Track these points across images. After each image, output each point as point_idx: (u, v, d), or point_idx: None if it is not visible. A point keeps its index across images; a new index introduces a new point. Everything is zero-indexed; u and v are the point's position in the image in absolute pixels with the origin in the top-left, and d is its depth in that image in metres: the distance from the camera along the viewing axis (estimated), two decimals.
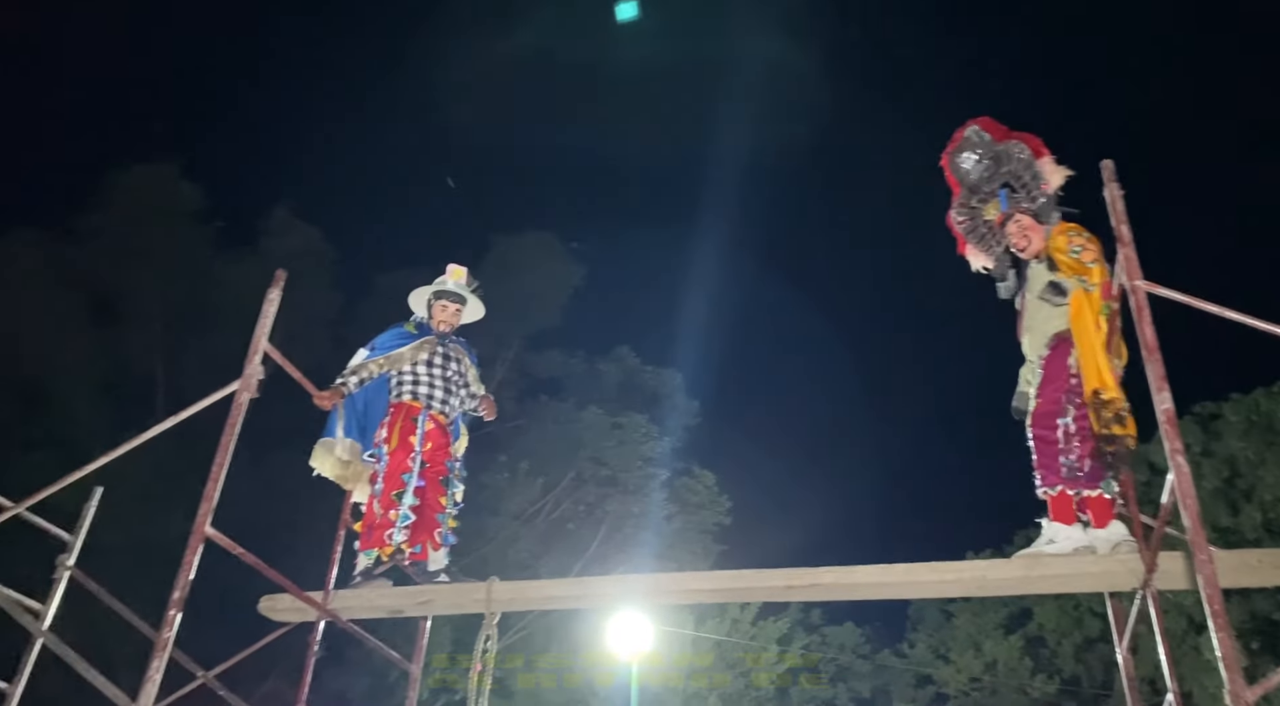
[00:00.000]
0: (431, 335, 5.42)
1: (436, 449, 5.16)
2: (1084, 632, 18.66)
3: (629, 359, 18.89)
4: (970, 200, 4.96)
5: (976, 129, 4.91)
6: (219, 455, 4.15)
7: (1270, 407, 15.78)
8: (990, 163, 4.85)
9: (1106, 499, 4.19)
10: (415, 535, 4.99)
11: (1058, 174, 4.82)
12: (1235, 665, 2.90)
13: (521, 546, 16.12)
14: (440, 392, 5.29)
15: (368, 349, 5.34)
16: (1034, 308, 4.58)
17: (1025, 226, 4.75)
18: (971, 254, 5.07)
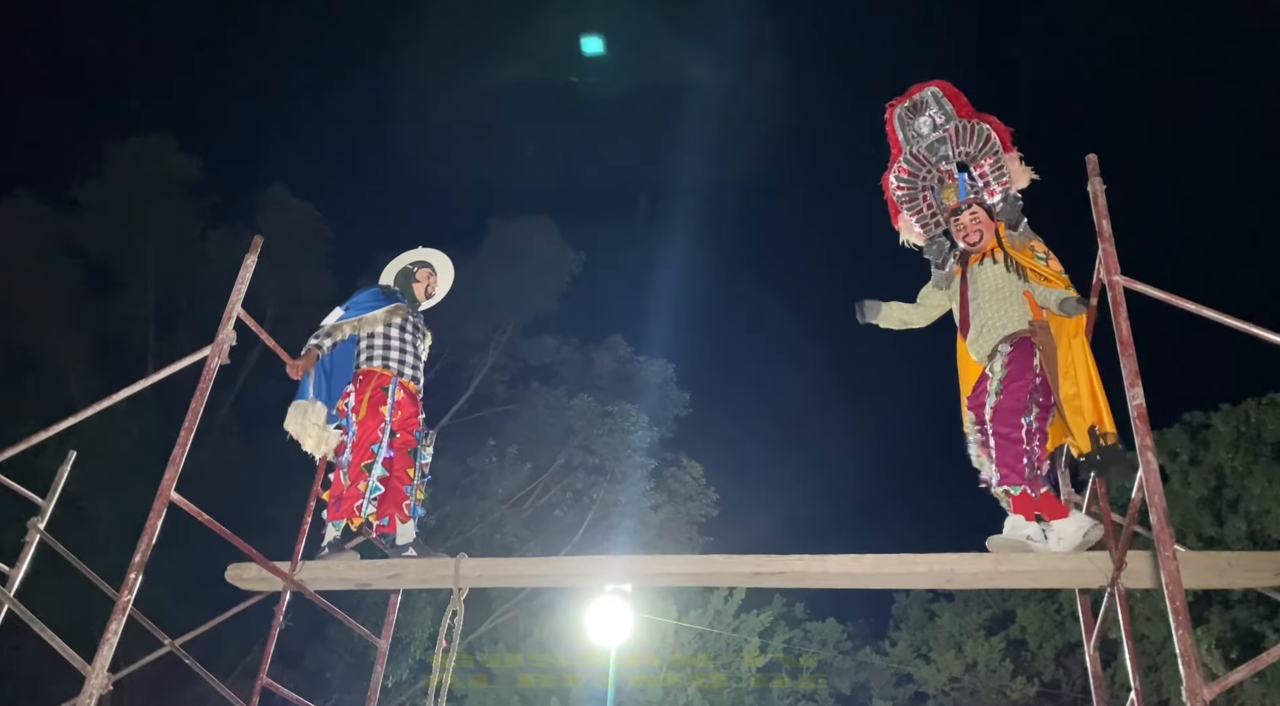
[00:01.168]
0: (403, 302, 5.39)
1: (406, 418, 5.11)
2: (1065, 636, 18.70)
3: (621, 348, 18.88)
4: (919, 170, 4.75)
5: (938, 93, 4.70)
6: (188, 420, 4.12)
7: (1259, 419, 15.79)
8: (948, 135, 4.65)
9: (1055, 494, 4.22)
10: (383, 507, 4.95)
11: (1024, 175, 4.66)
12: (1193, 662, 2.89)
13: (508, 530, 16.13)
14: (411, 359, 5.24)
15: (343, 309, 5.29)
16: (989, 306, 4.42)
17: (980, 220, 4.57)
18: (905, 227, 4.86)
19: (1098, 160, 3.86)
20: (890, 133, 4.84)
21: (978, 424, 4.42)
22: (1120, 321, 3.50)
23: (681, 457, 18.41)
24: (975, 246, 4.57)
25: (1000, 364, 4.33)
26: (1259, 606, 15.30)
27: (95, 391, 15.00)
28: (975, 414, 4.46)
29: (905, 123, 4.77)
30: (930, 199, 4.80)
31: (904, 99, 4.78)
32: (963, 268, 4.65)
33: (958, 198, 4.62)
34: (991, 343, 4.40)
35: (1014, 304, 4.42)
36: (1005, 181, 4.64)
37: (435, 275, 5.61)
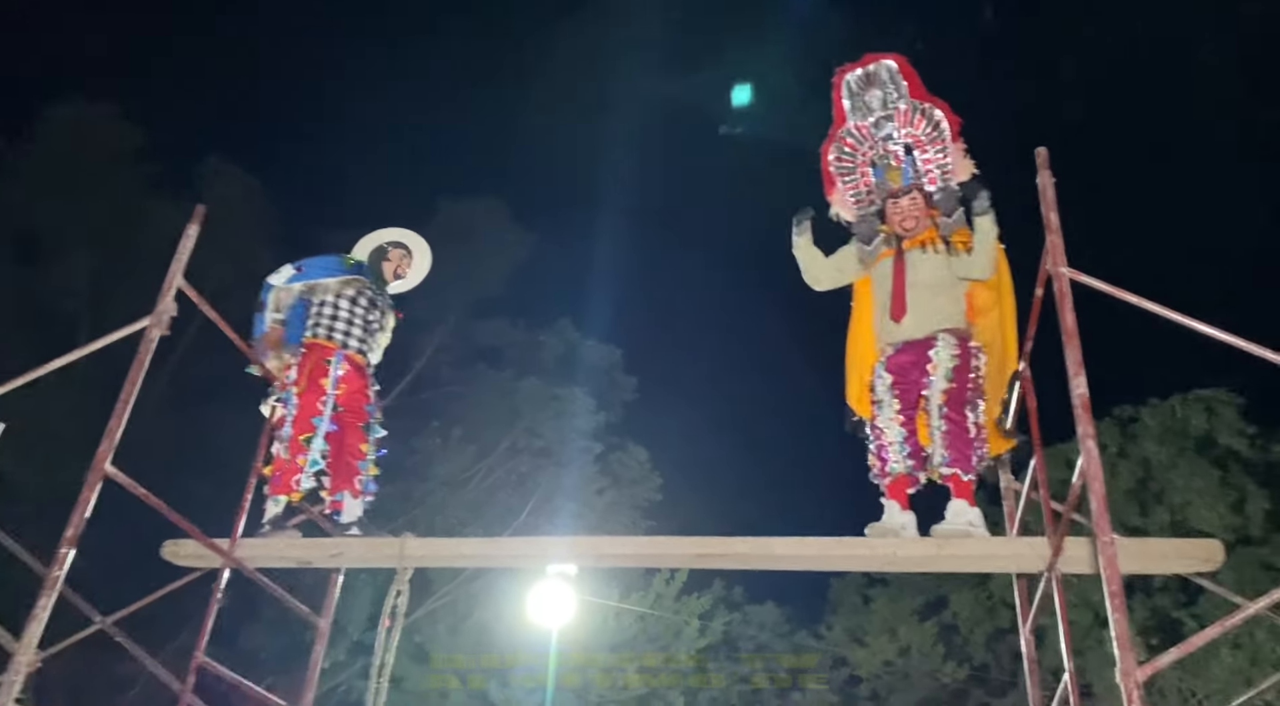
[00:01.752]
0: (366, 277, 5.27)
1: (353, 392, 5.00)
2: (995, 622, 19.19)
3: (570, 332, 18.81)
4: (861, 145, 4.64)
5: (893, 68, 4.57)
6: (124, 391, 4.00)
7: (1185, 414, 16.34)
8: (896, 113, 4.55)
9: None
10: (335, 482, 4.88)
11: (966, 168, 4.60)
12: (1128, 645, 2.97)
13: (449, 513, 16.01)
14: (359, 332, 5.11)
15: (294, 268, 5.15)
16: (927, 296, 4.42)
17: (919, 206, 4.51)
18: (838, 200, 4.76)
19: (1047, 153, 3.93)
20: (836, 100, 4.70)
21: (904, 403, 4.42)
22: (1065, 312, 3.57)
23: (627, 442, 18.43)
24: (910, 232, 4.53)
25: (949, 353, 4.36)
26: (1179, 593, 15.87)
27: (24, 362, 14.57)
28: (903, 391, 4.43)
29: (854, 93, 4.63)
30: (870, 176, 4.70)
31: (856, 67, 4.64)
32: (895, 250, 4.58)
33: (902, 181, 4.55)
34: (931, 329, 4.42)
35: (954, 299, 4.47)
36: (948, 172, 4.60)
37: (409, 258, 5.48)
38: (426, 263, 5.59)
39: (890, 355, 4.50)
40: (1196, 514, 14.86)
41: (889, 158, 4.61)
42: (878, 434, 4.46)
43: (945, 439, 4.29)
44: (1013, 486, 5.01)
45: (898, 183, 4.56)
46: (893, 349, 4.51)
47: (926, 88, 4.58)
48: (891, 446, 4.42)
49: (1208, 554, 3.94)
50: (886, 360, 4.51)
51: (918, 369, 4.46)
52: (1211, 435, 15.75)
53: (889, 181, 4.58)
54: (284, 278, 5.12)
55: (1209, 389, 16.17)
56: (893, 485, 4.40)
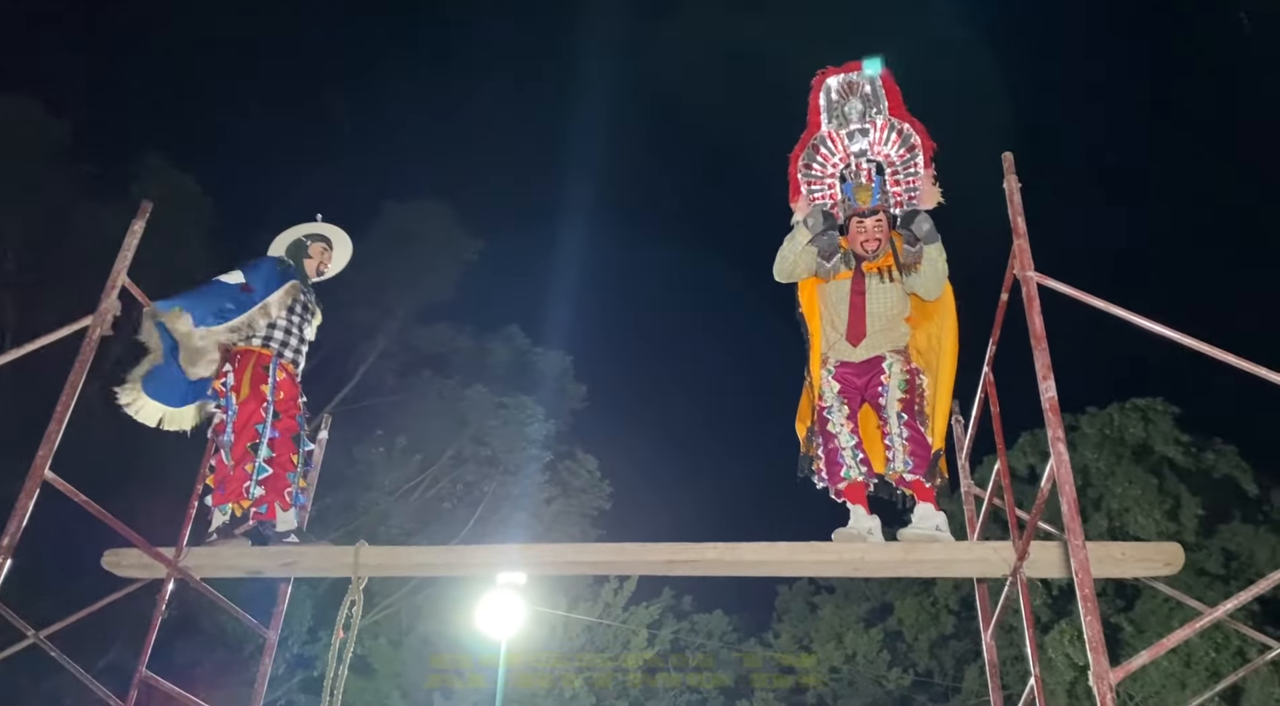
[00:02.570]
0: (297, 279, 5.11)
1: (288, 400, 4.85)
2: (939, 628, 19.47)
3: (518, 338, 18.63)
4: (833, 155, 4.54)
5: (877, 82, 4.47)
6: (65, 393, 3.79)
7: (1123, 422, 16.78)
8: (872, 128, 4.45)
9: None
10: (265, 493, 4.70)
11: (933, 196, 4.52)
12: (1101, 648, 2.96)
13: (393, 523, 15.71)
14: (295, 342, 4.99)
15: (243, 274, 4.92)
16: (880, 328, 4.42)
17: (884, 229, 4.42)
18: (803, 210, 4.60)
19: (1013, 158, 3.95)
20: (813, 103, 4.57)
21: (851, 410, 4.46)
22: (1033, 316, 3.58)
23: (577, 450, 18.31)
24: (870, 254, 4.45)
25: (900, 369, 4.42)
26: (1116, 599, 16.25)
27: None
28: (849, 398, 4.44)
29: (833, 100, 4.53)
30: (836, 190, 4.59)
31: (840, 72, 4.55)
32: (855, 273, 4.50)
33: (871, 201, 4.44)
34: (878, 351, 4.48)
35: (897, 334, 4.52)
36: (914, 197, 4.53)
37: (330, 252, 5.33)
38: (347, 252, 5.41)
39: (838, 367, 4.52)
40: (1134, 520, 15.24)
41: (860, 175, 4.51)
42: (829, 439, 4.43)
43: (907, 445, 4.29)
44: (973, 491, 5.04)
45: (866, 202, 4.45)
46: (834, 365, 4.53)
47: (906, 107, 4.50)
48: (845, 451, 4.39)
49: (1169, 557, 3.99)
50: (835, 369, 4.52)
51: (867, 377, 4.47)
52: (1148, 443, 16.19)
53: (858, 199, 4.47)
54: (235, 280, 4.92)
55: (1145, 398, 16.64)
56: (850, 490, 4.38)
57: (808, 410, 4.66)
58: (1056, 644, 14.58)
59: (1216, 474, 16.08)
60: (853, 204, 4.49)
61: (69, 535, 9.44)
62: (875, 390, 4.45)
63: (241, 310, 4.83)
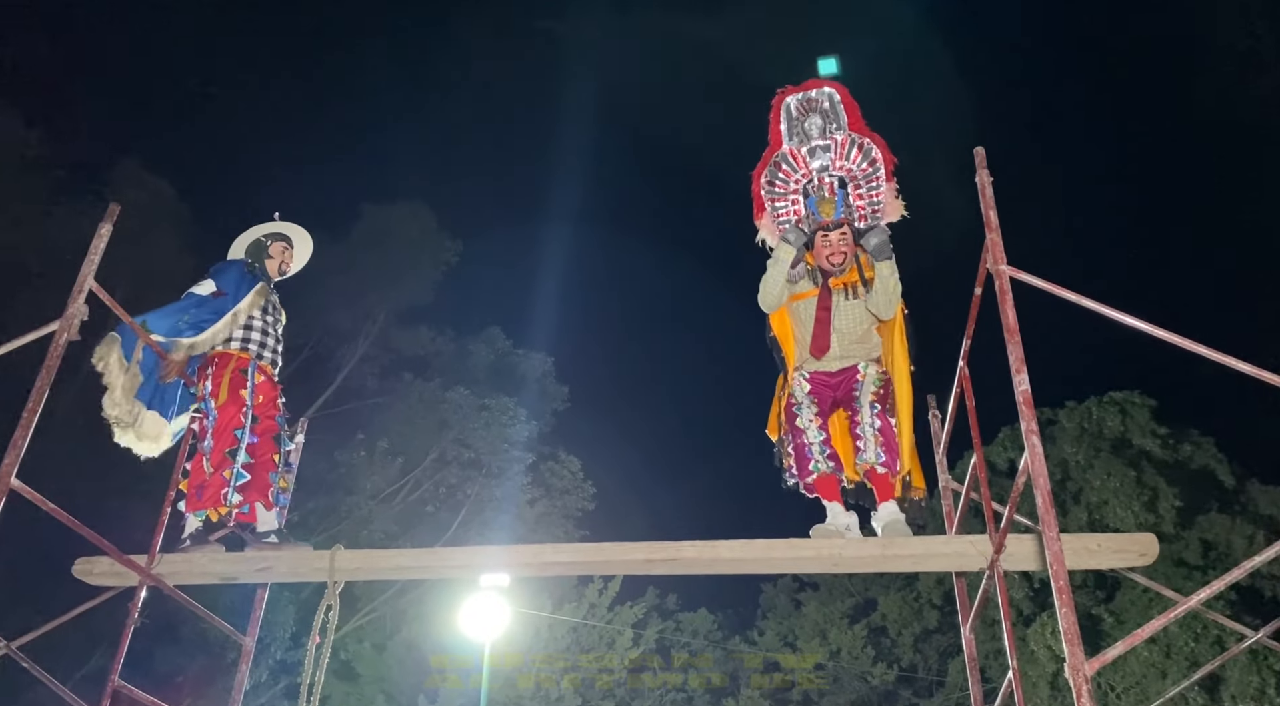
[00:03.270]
0: (264, 281, 5.07)
1: (267, 402, 4.82)
2: (923, 623, 19.58)
3: (500, 340, 18.59)
4: (795, 171, 4.54)
5: (835, 97, 4.48)
6: (32, 399, 3.74)
7: (1101, 416, 16.93)
8: (833, 144, 4.46)
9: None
10: (247, 494, 4.66)
11: (897, 209, 4.54)
12: (1076, 639, 2.96)
13: (376, 527, 15.62)
14: (272, 342, 4.97)
15: (214, 282, 4.90)
16: (847, 342, 4.43)
17: (848, 242, 4.42)
18: (766, 227, 4.64)
19: (985, 152, 3.96)
20: (774, 122, 4.60)
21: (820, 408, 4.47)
22: (1006, 310, 3.59)
23: (559, 452, 18.29)
24: (836, 269, 4.46)
25: (876, 372, 4.46)
26: (1096, 591, 16.38)
27: None
28: (820, 398, 4.46)
29: (792, 118, 4.54)
30: (800, 205, 4.59)
31: (798, 90, 4.57)
32: (822, 288, 4.51)
33: (834, 215, 4.44)
34: (851, 362, 4.51)
35: (870, 345, 4.54)
36: (878, 210, 4.54)
37: (290, 250, 5.28)
38: (308, 249, 5.37)
39: (812, 373, 4.53)
40: (1112, 512, 15.36)
41: (823, 189, 4.49)
42: (797, 434, 4.44)
43: (879, 436, 4.32)
44: (950, 485, 5.06)
45: (830, 215, 4.44)
46: (807, 373, 4.54)
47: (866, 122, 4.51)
48: (812, 446, 4.42)
49: (1143, 548, 4.01)
50: (809, 374, 4.53)
51: (840, 380, 4.50)
52: (1126, 436, 16.34)
53: (821, 213, 4.46)
54: (206, 290, 4.88)
55: (1122, 392, 16.78)
56: (822, 484, 4.40)
57: (775, 420, 4.67)
58: (1038, 636, 14.67)
59: (1194, 465, 16.25)
60: (817, 218, 4.48)
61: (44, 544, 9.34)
62: (849, 389, 4.48)
63: (219, 317, 4.81)
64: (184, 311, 4.80)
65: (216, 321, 4.80)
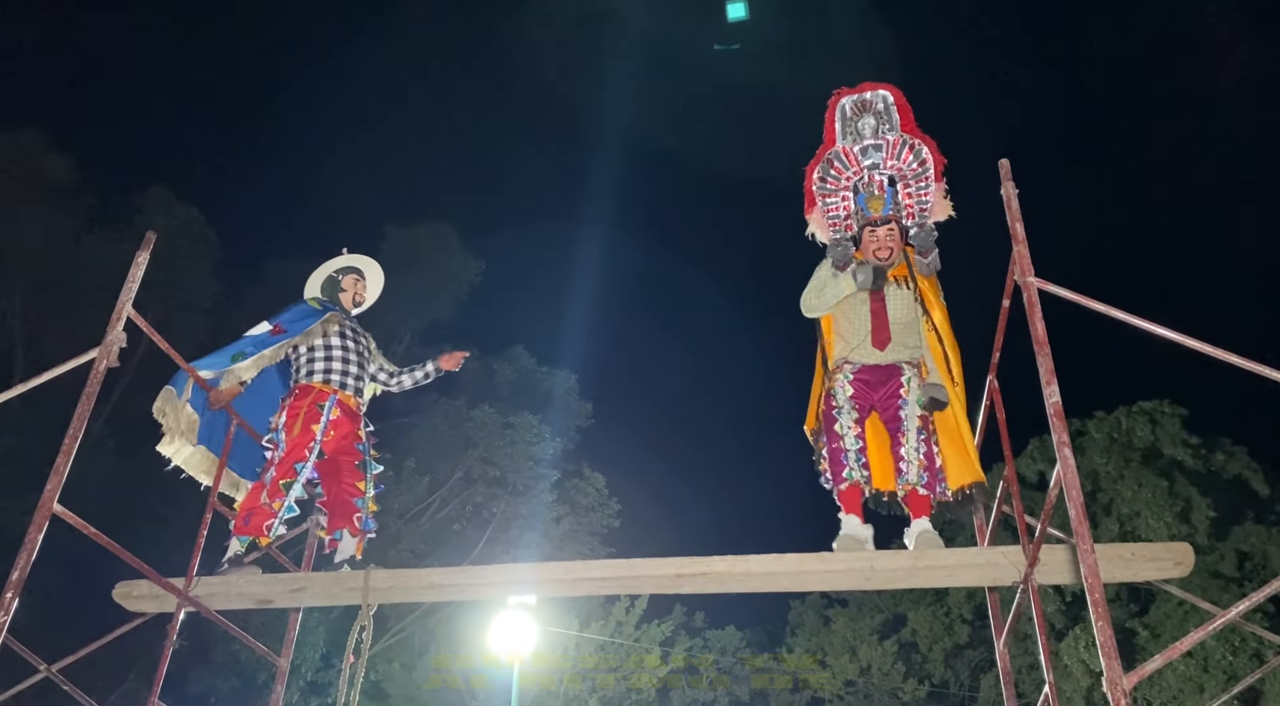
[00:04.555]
0: (336, 310, 5.14)
1: (342, 436, 4.83)
2: (954, 638, 19.36)
3: (523, 358, 18.68)
4: (847, 169, 4.65)
5: (889, 99, 4.61)
6: (73, 426, 3.80)
7: (1130, 426, 16.73)
8: (885, 144, 4.56)
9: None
10: (333, 521, 4.77)
11: (944, 209, 4.63)
12: (1114, 653, 2.94)
13: (404, 546, 15.70)
14: (355, 369, 4.98)
15: (269, 322, 4.96)
16: (900, 331, 4.48)
17: (896, 238, 4.53)
18: (817, 221, 4.77)
19: (1009, 165, 3.96)
20: (829, 121, 4.70)
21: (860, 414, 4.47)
22: (1035, 322, 3.58)
23: (584, 468, 18.31)
24: (885, 262, 4.56)
25: (918, 383, 4.44)
26: (1130, 604, 16.15)
27: None
28: (861, 404, 4.47)
29: (847, 117, 4.65)
30: (850, 201, 4.70)
31: (854, 92, 4.67)
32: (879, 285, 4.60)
33: (883, 211, 4.56)
34: (895, 358, 4.51)
35: (919, 337, 4.55)
36: (925, 209, 4.63)
37: (363, 281, 5.35)
38: (380, 280, 5.47)
39: (856, 372, 4.53)
40: (1145, 524, 15.17)
41: (873, 186, 4.62)
42: (834, 439, 4.45)
43: (923, 461, 4.34)
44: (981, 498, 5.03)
45: (879, 212, 4.56)
46: (854, 368, 4.54)
47: (918, 123, 4.61)
48: (849, 454, 4.41)
49: (1179, 557, 3.96)
50: (853, 375, 4.53)
51: (884, 387, 4.49)
52: (1156, 446, 16.14)
53: (870, 209, 4.59)
54: (261, 330, 4.95)
55: (1151, 401, 16.60)
56: (847, 495, 4.40)
57: (813, 412, 4.68)
58: (1072, 651, 14.49)
59: (1226, 475, 16.02)
60: (866, 214, 4.61)
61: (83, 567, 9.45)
62: (893, 402, 4.46)
63: (267, 347, 4.87)
64: (238, 348, 4.86)
65: (263, 349, 4.86)
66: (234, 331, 5.24)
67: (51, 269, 15.29)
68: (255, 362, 4.84)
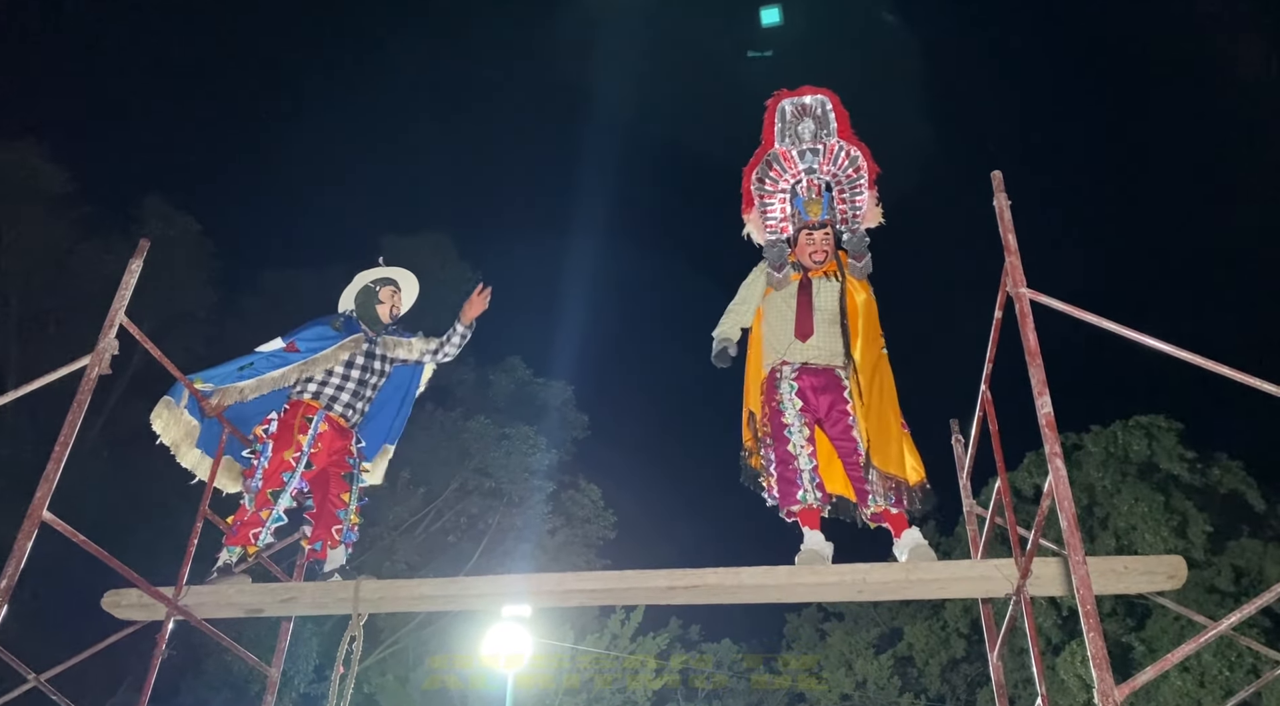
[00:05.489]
0: (360, 332, 5.09)
1: (331, 451, 4.83)
2: (950, 652, 19.29)
3: (520, 369, 18.66)
4: (785, 172, 4.70)
5: (827, 104, 4.66)
6: (63, 433, 3.79)
7: (1127, 440, 16.72)
8: (822, 149, 4.61)
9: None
10: (316, 531, 4.76)
11: (875, 216, 4.72)
12: (1105, 665, 2.93)
13: (399, 558, 15.66)
14: (347, 397, 4.93)
15: (284, 340, 4.92)
16: (824, 327, 4.51)
17: (830, 242, 4.61)
18: (754, 222, 4.82)
19: (1002, 176, 3.98)
20: (768, 123, 4.75)
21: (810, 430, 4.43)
22: (1027, 333, 3.58)
23: (580, 480, 18.28)
24: (817, 265, 4.64)
25: (852, 392, 4.44)
26: (1126, 618, 16.11)
27: None
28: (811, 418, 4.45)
29: (786, 120, 4.70)
30: (786, 204, 4.77)
31: (793, 95, 4.73)
32: (802, 276, 4.68)
33: (821, 215, 4.64)
34: (828, 361, 4.50)
35: (840, 338, 4.55)
36: (859, 215, 4.72)
37: (399, 293, 5.30)
38: (415, 290, 5.47)
39: (797, 376, 4.51)
40: (1141, 539, 15.13)
41: (811, 191, 4.70)
42: (787, 460, 4.41)
43: (887, 483, 4.31)
44: (975, 510, 5.02)
45: (816, 215, 4.62)
46: (793, 371, 4.52)
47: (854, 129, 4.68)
48: (804, 474, 4.38)
49: (1171, 569, 3.94)
50: (796, 382, 4.50)
51: (826, 397, 4.48)
52: (1153, 460, 16.12)
53: (808, 213, 4.66)
54: (275, 346, 4.92)
55: (1148, 415, 16.59)
56: (805, 514, 4.37)
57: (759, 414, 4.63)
58: (1067, 664, 14.44)
59: (1223, 489, 16.00)
60: (804, 217, 4.68)
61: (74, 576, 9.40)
62: (843, 420, 4.44)
63: (272, 367, 4.85)
64: (245, 362, 4.84)
65: (275, 370, 4.85)
66: (229, 341, 5.25)
67: (47, 277, 15.29)
68: (259, 383, 4.82)
